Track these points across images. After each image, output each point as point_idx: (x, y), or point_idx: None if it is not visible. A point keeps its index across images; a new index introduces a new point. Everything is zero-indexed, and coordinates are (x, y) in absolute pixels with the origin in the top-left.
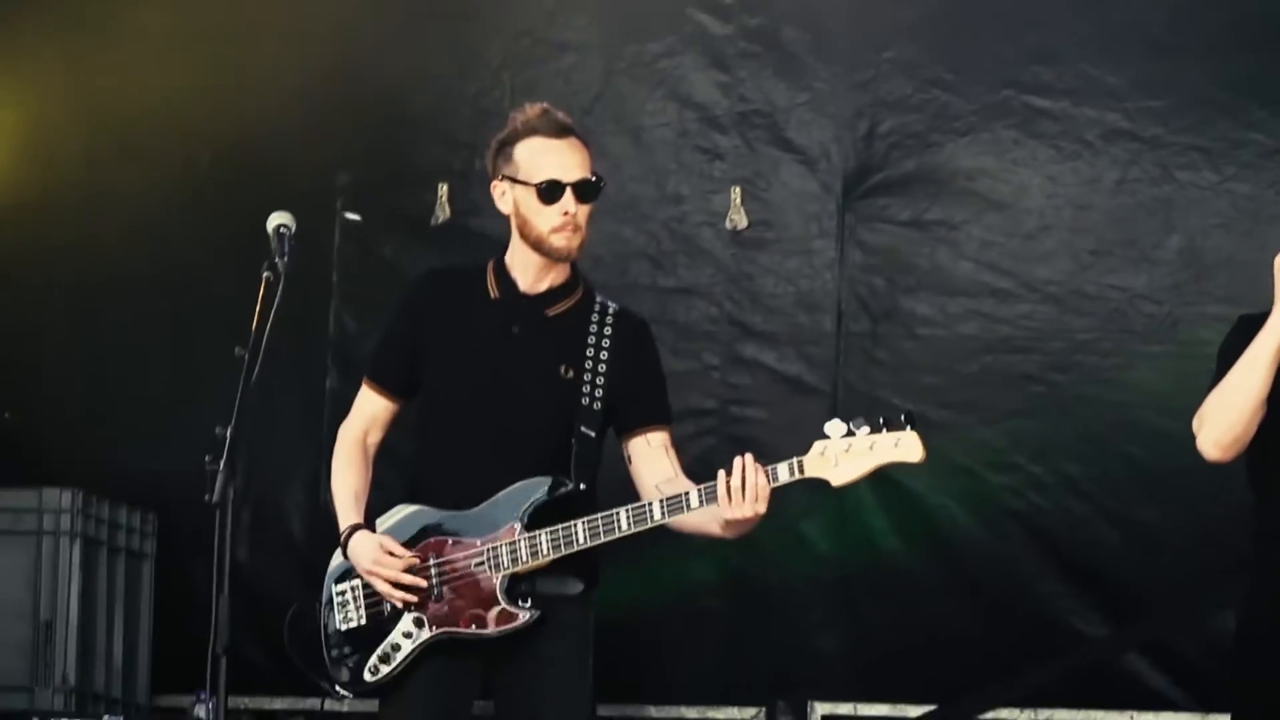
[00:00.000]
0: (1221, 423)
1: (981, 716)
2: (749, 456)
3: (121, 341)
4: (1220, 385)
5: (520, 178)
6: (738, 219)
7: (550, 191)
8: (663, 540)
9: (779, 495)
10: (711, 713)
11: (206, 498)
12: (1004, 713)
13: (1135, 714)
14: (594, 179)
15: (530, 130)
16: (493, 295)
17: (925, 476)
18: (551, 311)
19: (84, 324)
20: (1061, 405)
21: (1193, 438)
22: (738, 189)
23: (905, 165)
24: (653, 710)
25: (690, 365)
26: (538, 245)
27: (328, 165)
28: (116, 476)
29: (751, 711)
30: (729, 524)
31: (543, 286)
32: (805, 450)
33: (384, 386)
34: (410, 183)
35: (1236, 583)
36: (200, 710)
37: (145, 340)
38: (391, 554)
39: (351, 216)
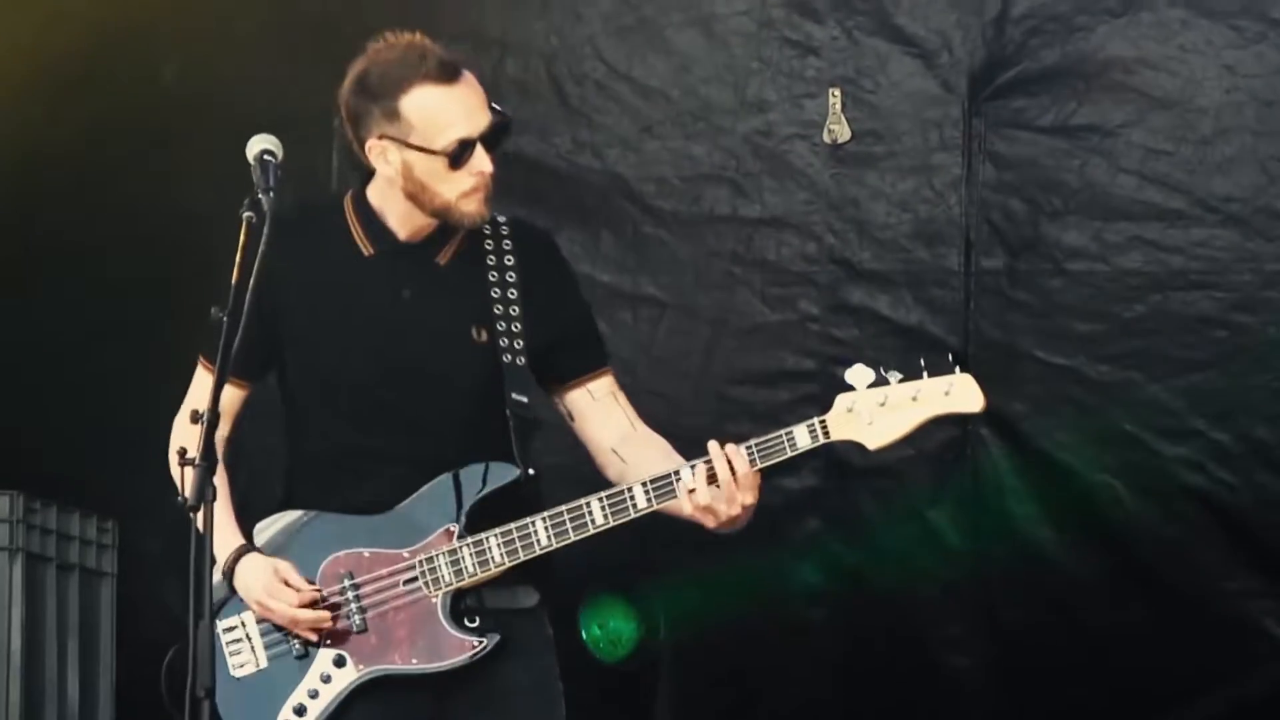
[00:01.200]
0: None
1: None
2: (730, 446)
3: (73, 315)
4: None
5: (415, 141)
6: (838, 130)
7: (460, 155)
8: (752, 521)
9: (896, 478)
10: None
11: (179, 499)
12: None
13: None
14: (500, 117)
15: (418, 77)
16: (366, 251)
17: (1081, 448)
18: (443, 258)
19: (27, 291)
20: (1251, 354)
21: None
22: (837, 91)
23: (1046, 56)
24: None
25: (784, 315)
26: (441, 214)
27: (323, 80)
28: (66, 477)
29: None
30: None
31: (426, 229)
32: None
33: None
34: None
35: None
36: None
37: (102, 313)
38: (287, 583)
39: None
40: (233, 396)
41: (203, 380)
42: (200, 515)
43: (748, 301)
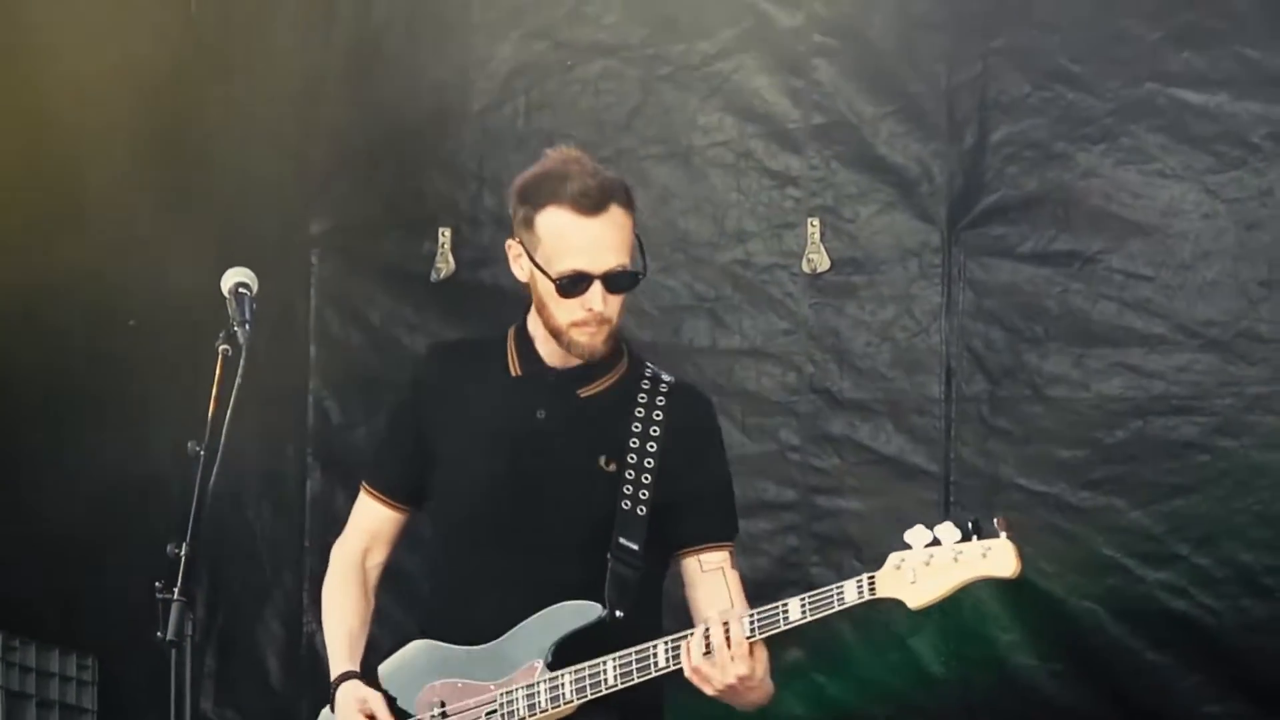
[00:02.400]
0: None
1: None
2: (732, 613)
3: (46, 435)
4: None
5: (538, 259)
6: (817, 259)
7: (572, 286)
8: None
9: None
10: None
11: (158, 635)
12: None
13: None
14: (630, 269)
15: (558, 198)
16: (514, 372)
17: (1064, 575)
18: (586, 391)
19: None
20: (1233, 478)
21: None
22: (816, 221)
23: (1025, 184)
24: None
25: (763, 446)
26: (555, 336)
27: (297, 208)
28: (45, 612)
29: None
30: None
31: (575, 360)
32: (881, 562)
33: (387, 493)
34: (403, 227)
35: None
36: None
37: (76, 437)
38: (373, 716)
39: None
40: (390, 521)
41: (366, 507)
42: (178, 651)
43: (728, 432)
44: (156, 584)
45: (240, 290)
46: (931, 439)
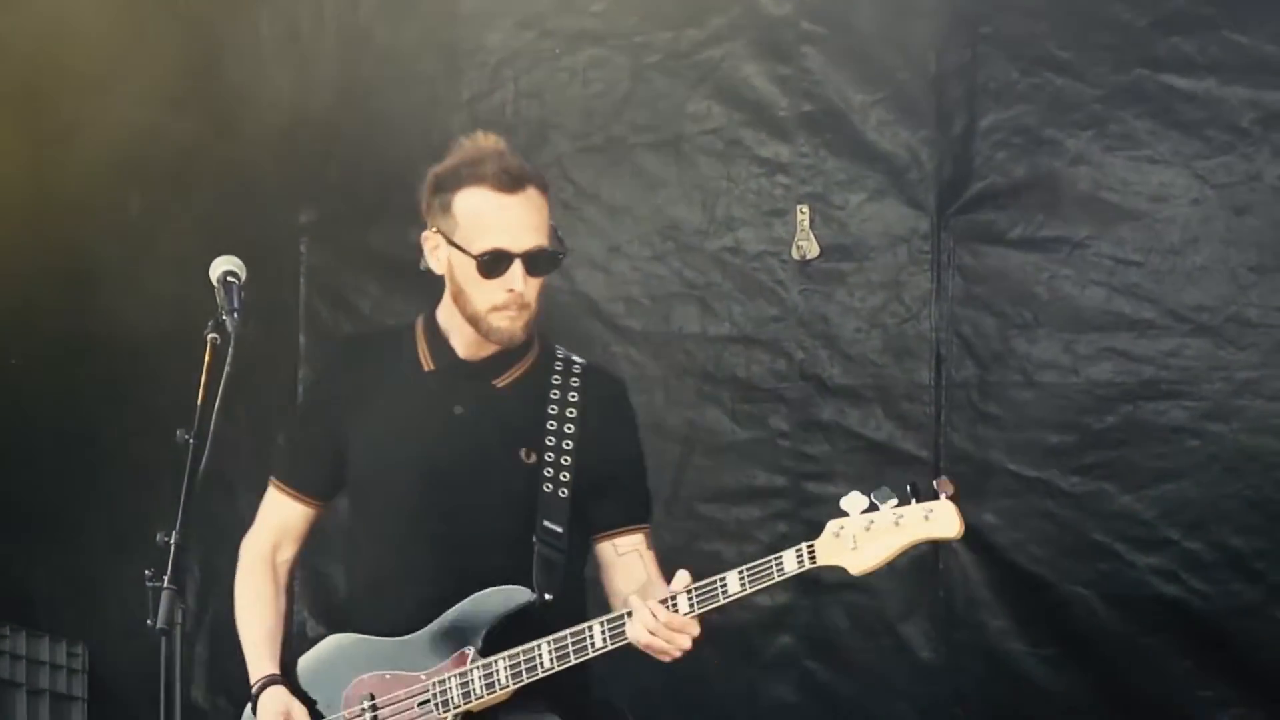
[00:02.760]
0: None
1: None
2: (653, 602)
3: (34, 427)
4: None
5: (457, 239)
6: (807, 246)
7: (493, 264)
8: (724, 639)
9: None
10: None
11: (149, 623)
12: None
13: None
14: (549, 250)
15: (476, 178)
16: (426, 366)
17: (1054, 561)
18: (501, 381)
19: None
20: (1223, 463)
21: None
22: (805, 209)
23: (1014, 170)
24: None
25: (754, 433)
26: (473, 323)
27: (287, 197)
28: (35, 600)
29: None
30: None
31: (487, 350)
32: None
33: (298, 488)
34: (393, 216)
35: None
36: None
37: (67, 426)
38: None
39: None
40: (301, 516)
41: (276, 502)
42: (168, 640)
43: (718, 419)
44: (147, 572)
45: (229, 279)
46: (921, 425)
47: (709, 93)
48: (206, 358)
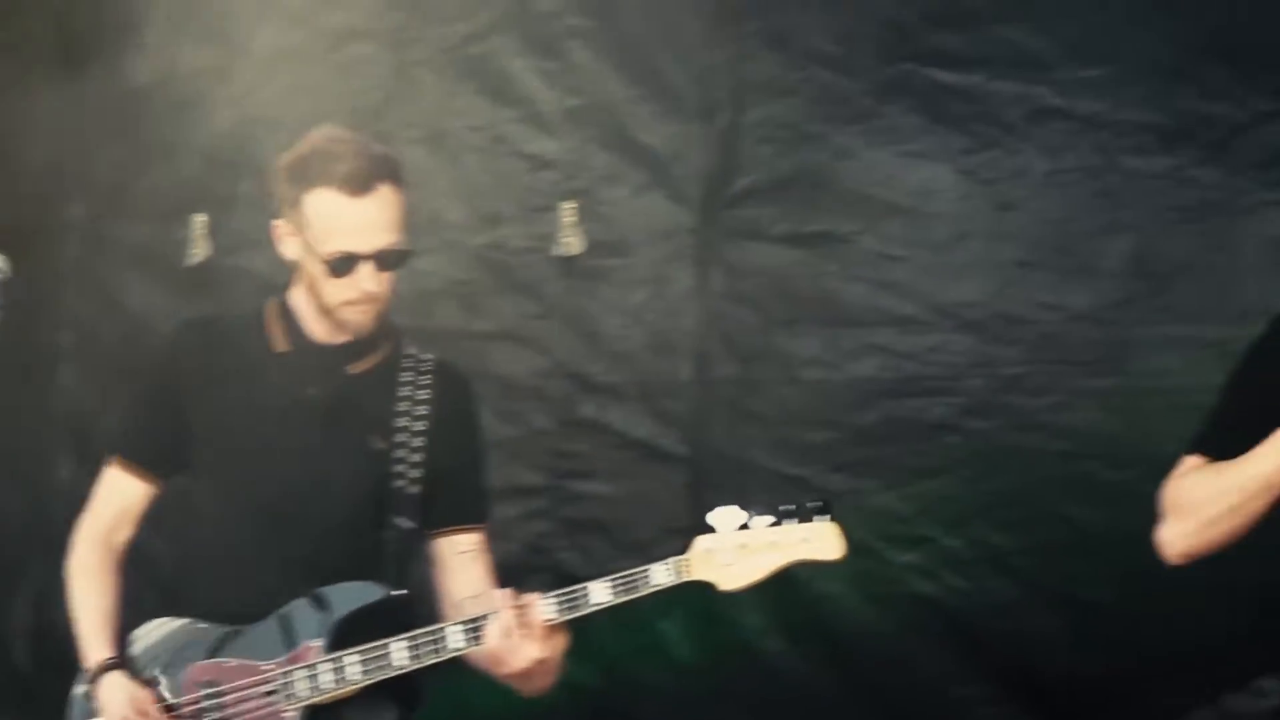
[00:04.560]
0: (1212, 520)
1: None
2: (526, 597)
3: None
4: (1226, 470)
5: (308, 238)
6: (570, 242)
7: (343, 266)
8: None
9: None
10: None
11: None
12: None
13: None
14: (399, 247)
15: (326, 179)
16: (278, 348)
17: None
18: (355, 368)
19: None
20: (985, 459)
21: (1152, 493)
22: (569, 205)
23: (779, 165)
24: None
25: (514, 430)
26: (324, 314)
27: (53, 191)
28: None
29: None
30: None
31: (342, 337)
32: (683, 546)
33: (144, 464)
34: (159, 212)
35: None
36: None
37: None
38: (147, 715)
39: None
40: (141, 494)
41: (117, 481)
42: None
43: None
44: None
45: None
46: (682, 423)
47: (474, 89)
48: None
